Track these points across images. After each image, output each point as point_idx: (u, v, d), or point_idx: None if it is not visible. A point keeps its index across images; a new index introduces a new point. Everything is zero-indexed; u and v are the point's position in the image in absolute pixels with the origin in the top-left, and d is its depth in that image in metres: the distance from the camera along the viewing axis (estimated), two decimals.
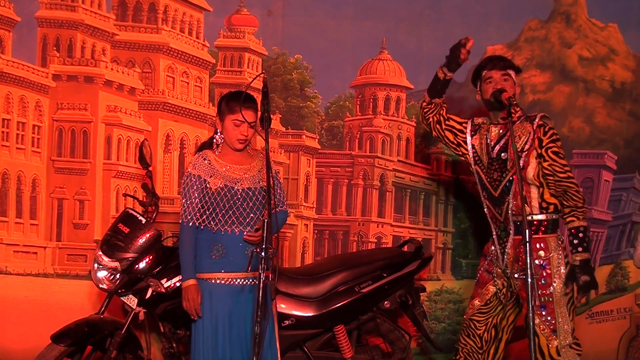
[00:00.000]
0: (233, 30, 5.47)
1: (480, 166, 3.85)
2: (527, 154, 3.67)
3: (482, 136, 3.87)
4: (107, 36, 5.29)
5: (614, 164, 5.80)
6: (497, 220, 3.80)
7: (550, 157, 3.66)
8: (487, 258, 3.90)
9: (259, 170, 3.82)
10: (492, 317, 3.88)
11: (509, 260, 3.76)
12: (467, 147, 3.91)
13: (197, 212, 3.71)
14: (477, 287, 3.97)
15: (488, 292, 3.88)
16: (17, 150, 5.13)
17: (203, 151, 3.84)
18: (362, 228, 5.56)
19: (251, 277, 3.71)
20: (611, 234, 5.88)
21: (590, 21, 5.79)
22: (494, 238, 3.83)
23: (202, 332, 3.71)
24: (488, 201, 3.83)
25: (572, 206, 3.68)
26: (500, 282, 3.84)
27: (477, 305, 3.90)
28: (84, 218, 5.21)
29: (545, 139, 3.68)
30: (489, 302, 3.87)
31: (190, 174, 3.74)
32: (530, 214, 3.68)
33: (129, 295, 4.04)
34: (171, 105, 5.36)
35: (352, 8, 5.50)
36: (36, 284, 5.08)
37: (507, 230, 3.75)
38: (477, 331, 3.90)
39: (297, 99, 5.45)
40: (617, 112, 5.79)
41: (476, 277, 4.00)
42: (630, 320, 5.86)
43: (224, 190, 3.72)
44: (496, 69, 3.76)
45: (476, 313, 3.90)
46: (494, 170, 3.78)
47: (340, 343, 4.38)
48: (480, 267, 3.98)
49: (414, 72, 5.64)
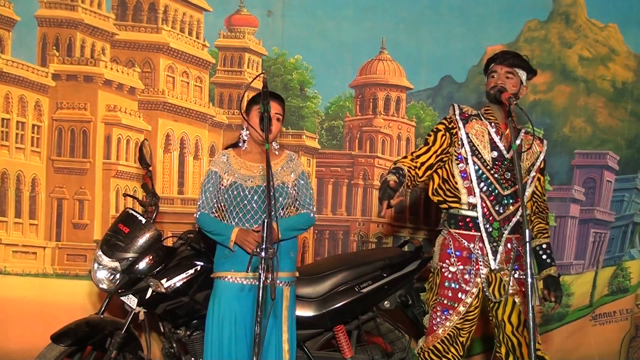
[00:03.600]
0: (233, 30, 5.47)
1: (479, 159, 3.70)
2: (536, 170, 3.81)
3: (482, 128, 3.73)
4: (107, 36, 5.28)
5: (616, 164, 5.80)
6: (491, 217, 3.68)
7: (545, 178, 3.88)
8: (472, 257, 3.69)
9: (280, 168, 3.82)
10: (475, 323, 3.77)
11: (501, 259, 3.71)
12: (460, 141, 3.71)
13: (212, 206, 3.76)
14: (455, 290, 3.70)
15: (472, 295, 3.69)
16: (16, 149, 5.12)
17: (226, 149, 3.87)
18: (362, 228, 5.56)
19: None
20: (614, 235, 5.88)
21: (590, 21, 5.79)
22: (483, 236, 3.67)
23: (211, 332, 3.70)
24: (487, 196, 3.68)
25: (547, 225, 3.88)
26: (480, 282, 3.69)
27: (462, 312, 3.69)
28: (83, 218, 5.20)
29: (544, 163, 3.87)
30: (471, 307, 3.70)
31: (209, 170, 3.81)
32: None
33: (129, 295, 4.04)
34: (171, 105, 5.36)
35: (352, 8, 5.50)
36: (35, 284, 5.07)
37: (501, 230, 3.69)
38: (460, 338, 3.75)
39: (297, 99, 5.45)
40: (619, 112, 5.79)
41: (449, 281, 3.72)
42: (631, 320, 5.86)
43: (233, 187, 3.73)
44: (503, 65, 3.71)
45: (462, 321, 3.71)
46: (506, 169, 3.71)
47: (340, 343, 4.39)
48: (461, 266, 3.70)
49: (414, 72, 5.65)
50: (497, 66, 3.73)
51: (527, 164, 3.77)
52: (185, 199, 5.36)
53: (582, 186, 5.76)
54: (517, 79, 3.72)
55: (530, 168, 3.78)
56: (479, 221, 3.68)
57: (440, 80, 5.63)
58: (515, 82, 3.71)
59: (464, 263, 3.71)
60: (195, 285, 4.05)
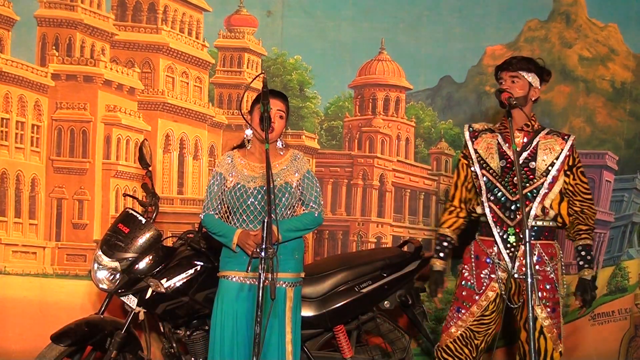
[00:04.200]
0: (233, 30, 5.47)
1: (488, 170, 3.79)
2: (558, 169, 3.75)
3: (490, 141, 3.83)
4: (107, 36, 5.28)
5: (615, 164, 5.80)
6: (504, 224, 3.72)
7: (578, 177, 3.79)
8: (489, 262, 3.75)
9: (284, 167, 3.80)
10: (492, 328, 3.78)
11: (521, 265, 3.67)
12: (471, 159, 3.86)
13: (217, 207, 3.77)
14: (470, 291, 3.77)
15: (488, 298, 3.73)
16: (16, 149, 5.12)
17: (231, 150, 3.87)
18: (361, 228, 5.56)
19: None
20: (613, 235, 5.88)
21: (590, 21, 5.79)
22: (498, 242, 3.72)
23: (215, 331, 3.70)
24: (496, 204, 3.74)
25: (590, 226, 3.80)
26: (497, 287, 3.72)
27: (476, 313, 3.74)
28: (83, 218, 5.20)
29: (577, 159, 3.81)
30: (487, 310, 3.74)
31: (214, 171, 3.82)
32: (543, 219, 3.72)
33: (129, 295, 4.03)
34: (171, 105, 5.36)
35: (352, 9, 5.51)
36: (35, 284, 5.07)
37: (519, 235, 3.68)
38: (475, 341, 3.77)
39: (296, 99, 5.45)
40: (618, 112, 5.79)
41: (465, 281, 3.80)
42: (630, 320, 5.86)
43: (236, 189, 3.72)
44: (507, 71, 3.76)
45: (476, 323, 3.75)
46: (514, 175, 3.69)
47: (340, 343, 4.38)
48: (477, 270, 3.78)
49: (413, 72, 5.65)
50: (503, 73, 3.78)
51: (544, 164, 3.74)
52: (184, 199, 5.35)
53: None
54: (523, 82, 3.73)
55: (549, 168, 3.73)
56: (492, 227, 3.75)
57: (440, 81, 5.63)
58: (521, 85, 3.73)
59: (481, 267, 3.78)
60: (195, 285, 4.04)
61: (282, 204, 3.74)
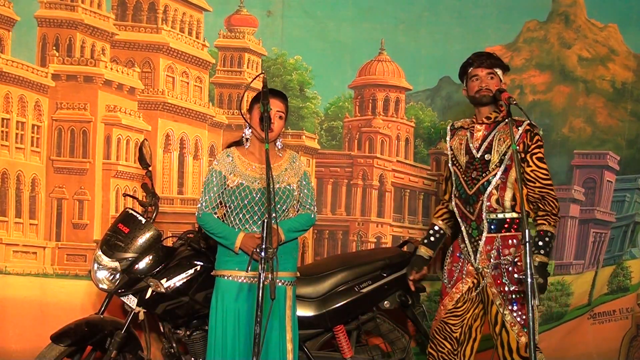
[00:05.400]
0: (233, 30, 5.47)
1: (457, 166, 3.90)
2: (510, 157, 3.70)
3: (462, 137, 3.91)
4: (107, 36, 5.28)
5: (616, 164, 5.80)
6: (467, 218, 3.83)
7: (534, 163, 3.76)
8: (460, 256, 3.90)
9: (284, 169, 3.81)
10: (466, 318, 3.88)
11: (481, 258, 3.76)
12: (448, 155, 4.00)
13: (215, 206, 3.75)
14: (446, 285, 3.95)
15: (458, 290, 3.86)
16: (16, 149, 5.12)
17: (230, 148, 3.86)
18: (361, 228, 5.56)
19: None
20: (614, 235, 5.88)
21: (589, 21, 5.79)
22: (464, 236, 3.85)
23: (215, 330, 3.71)
24: (459, 199, 3.87)
25: (548, 211, 3.73)
26: (470, 280, 3.84)
27: (448, 305, 3.89)
28: (83, 218, 5.20)
29: (532, 145, 3.75)
30: (459, 302, 3.86)
31: (212, 169, 3.79)
32: (503, 212, 3.74)
33: (129, 295, 4.04)
34: (171, 105, 5.36)
35: (352, 9, 5.51)
36: (35, 284, 5.07)
37: (480, 229, 3.77)
38: (454, 334, 3.89)
39: (296, 99, 5.45)
40: (619, 112, 5.79)
41: (445, 276, 3.96)
42: (632, 320, 5.86)
43: (240, 189, 3.72)
44: (482, 67, 3.81)
45: (449, 315, 3.88)
46: (473, 169, 3.80)
47: (340, 343, 4.39)
48: (451, 264, 3.94)
49: (413, 73, 5.65)
50: (477, 69, 3.82)
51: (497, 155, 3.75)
52: (184, 199, 5.36)
53: (581, 186, 5.76)
54: (497, 79, 3.82)
55: (503, 158, 3.73)
56: (460, 222, 3.89)
57: (439, 81, 5.63)
58: (497, 82, 3.81)
59: (454, 261, 3.94)
60: (195, 285, 4.04)
61: (286, 205, 3.76)
